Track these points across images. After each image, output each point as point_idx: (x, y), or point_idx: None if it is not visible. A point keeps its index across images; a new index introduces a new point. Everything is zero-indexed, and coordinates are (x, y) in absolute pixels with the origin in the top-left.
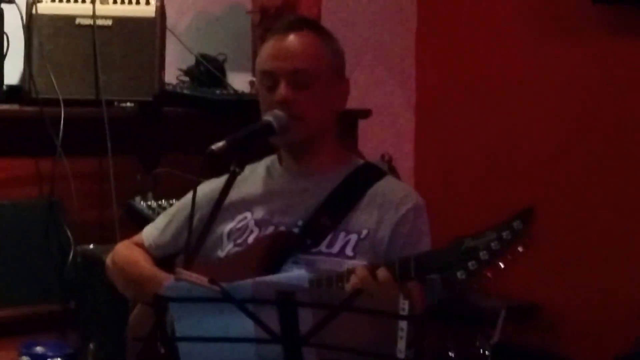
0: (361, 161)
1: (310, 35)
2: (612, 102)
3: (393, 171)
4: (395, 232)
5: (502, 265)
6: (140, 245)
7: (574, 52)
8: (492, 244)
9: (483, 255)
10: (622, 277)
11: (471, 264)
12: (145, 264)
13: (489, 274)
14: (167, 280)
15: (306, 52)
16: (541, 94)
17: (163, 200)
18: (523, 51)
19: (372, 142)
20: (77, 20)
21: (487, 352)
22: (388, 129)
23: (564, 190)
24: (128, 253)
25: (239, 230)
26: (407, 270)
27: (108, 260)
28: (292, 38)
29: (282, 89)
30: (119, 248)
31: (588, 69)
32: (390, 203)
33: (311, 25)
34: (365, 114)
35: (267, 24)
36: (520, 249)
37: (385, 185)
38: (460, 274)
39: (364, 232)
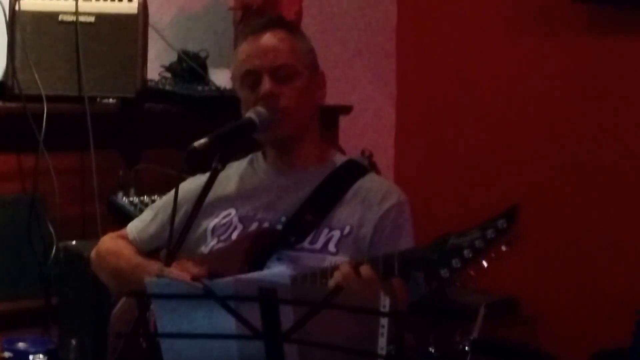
0: (344, 157)
1: (283, 33)
2: (591, 99)
3: (373, 167)
4: (377, 228)
5: (485, 264)
6: (124, 239)
7: (552, 50)
8: (476, 242)
9: (467, 253)
10: (601, 272)
11: (455, 262)
12: (127, 254)
13: (472, 272)
14: (151, 267)
15: (284, 48)
16: (521, 91)
17: (145, 196)
18: (502, 48)
19: (353, 137)
20: (60, 17)
21: (467, 347)
22: (369, 124)
23: (543, 186)
24: (112, 244)
25: (223, 226)
26: (390, 267)
27: (92, 253)
28: (268, 36)
29: (266, 84)
30: (103, 240)
31: (567, 66)
32: (373, 200)
33: (282, 24)
34: (347, 110)
35: (248, 20)
36: (504, 247)
37: (368, 182)
38: (444, 272)
39: (347, 228)
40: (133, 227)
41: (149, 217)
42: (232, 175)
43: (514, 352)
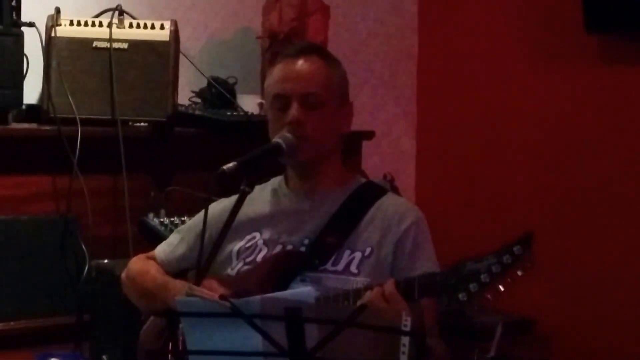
0: (363, 180)
1: (319, 61)
2: (606, 128)
3: (395, 191)
4: (398, 248)
5: (501, 288)
6: (152, 259)
7: (567, 79)
8: (493, 267)
9: (484, 278)
10: (615, 294)
11: (472, 286)
12: (156, 275)
13: (488, 296)
14: (177, 286)
15: (316, 76)
16: (537, 118)
17: (175, 217)
18: (519, 77)
19: (375, 162)
20: (94, 43)
21: None
22: (390, 150)
23: (559, 211)
24: (141, 265)
25: (248, 249)
26: (411, 291)
27: (122, 275)
28: (302, 62)
29: (295, 110)
30: (133, 262)
31: (581, 95)
32: (392, 220)
33: (319, 51)
34: (369, 135)
35: (276, 48)
36: (519, 272)
37: (387, 203)
38: (461, 296)
39: (368, 249)
40: (161, 250)
41: (175, 241)
42: (256, 199)
43: None
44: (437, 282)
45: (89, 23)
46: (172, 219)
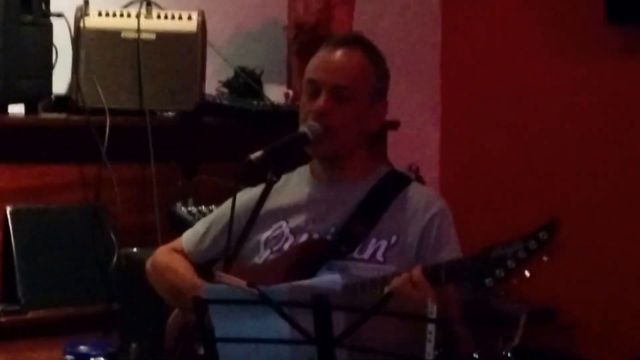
0: (388, 169)
1: (359, 54)
2: (628, 116)
3: (420, 180)
4: (423, 236)
5: (527, 274)
6: (179, 250)
7: (589, 68)
8: (519, 253)
9: (510, 263)
10: (638, 280)
11: (499, 272)
12: (183, 272)
13: (515, 281)
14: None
15: (351, 69)
16: (560, 108)
17: (202, 206)
18: (543, 67)
19: (399, 152)
20: (123, 34)
21: (509, 354)
22: (415, 140)
23: (583, 199)
24: (168, 260)
25: (275, 238)
26: (437, 277)
27: (148, 265)
28: (341, 53)
29: (322, 100)
30: (159, 253)
31: (603, 85)
32: (417, 208)
33: (364, 45)
34: (394, 125)
35: (301, 38)
36: (545, 258)
37: (412, 191)
38: (488, 281)
39: (394, 238)
40: (188, 240)
41: (202, 230)
42: (282, 188)
43: (553, 359)
44: (463, 268)
45: (117, 14)
46: (199, 208)
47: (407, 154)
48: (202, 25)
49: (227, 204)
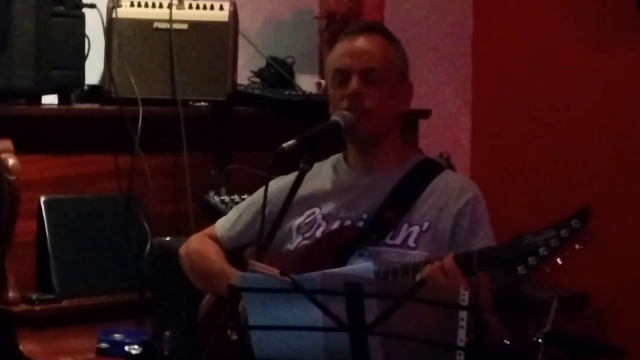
0: (421, 157)
1: (380, 39)
2: None
3: (451, 168)
4: (456, 223)
5: (559, 261)
6: (212, 237)
7: (621, 56)
8: (551, 241)
9: (542, 251)
10: None
11: (531, 260)
12: (216, 259)
13: (547, 269)
14: (236, 275)
15: (377, 53)
16: (592, 95)
17: (235, 195)
18: (574, 54)
19: (431, 140)
20: (155, 24)
21: (540, 340)
22: (446, 127)
23: (615, 184)
24: (201, 247)
25: (308, 224)
26: (469, 264)
27: (181, 250)
28: (363, 39)
29: (354, 83)
30: (192, 240)
31: (634, 72)
32: (450, 195)
33: (381, 30)
34: (425, 113)
35: (333, 28)
36: (577, 246)
37: (444, 179)
38: (520, 269)
39: (426, 224)
40: (220, 227)
41: (235, 217)
42: (315, 175)
43: (585, 345)
44: (496, 256)
45: (149, 4)
46: (232, 197)
47: (439, 142)
48: (234, 15)
49: (260, 191)
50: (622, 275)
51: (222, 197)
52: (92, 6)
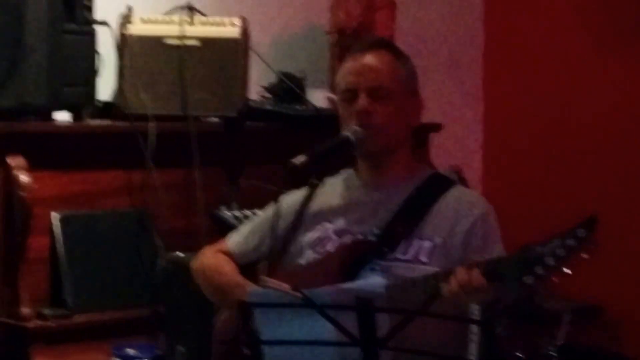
0: (431, 171)
1: (387, 55)
2: None
3: (462, 182)
4: (467, 238)
5: (567, 271)
6: (224, 251)
7: (634, 65)
8: (558, 251)
9: (549, 261)
10: None
11: (538, 269)
12: (229, 272)
13: (555, 278)
14: (248, 288)
15: (383, 69)
16: (605, 106)
17: (247, 210)
18: (586, 65)
19: (442, 154)
20: (166, 41)
21: (553, 353)
22: (457, 141)
23: (628, 196)
24: (214, 260)
25: (319, 239)
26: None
27: (194, 265)
28: (370, 56)
29: (362, 100)
30: (205, 254)
31: None
32: (461, 211)
33: (388, 46)
34: (437, 127)
35: (344, 43)
36: (584, 255)
37: (456, 193)
38: (528, 279)
39: (437, 239)
40: (232, 242)
41: (246, 232)
42: (326, 191)
43: (599, 357)
44: (502, 266)
45: (161, 21)
46: (244, 212)
47: (450, 156)
48: (245, 31)
49: (272, 206)
50: (634, 286)
51: (233, 212)
52: (104, 23)
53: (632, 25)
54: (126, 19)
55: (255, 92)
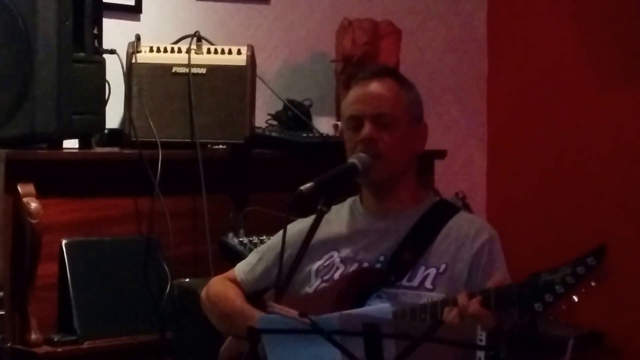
0: (436, 198)
1: (391, 83)
2: None
3: (467, 208)
4: (473, 265)
5: (576, 299)
6: (232, 280)
7: (637, 95)
8: (567, 278)
9: (559, 288)
10: None
11: (547, 297)
12: (236, 300)
13: (563, 306)
14: (256, 316)
15: (388, 97)
16: (609, 136)
17: (254, 237)
18: (590, 95)
19: (446, 181)
20: (174, 69)
21: None
22: (462, 168)
23: (633, 223)
24: (221, 289)
25: (326, 267)
26: (487, 302)
27: (202, 294)
28: (375, 84)
29: (367, 128)
30: (213, 283)
31: None
32: (466, 237)
33: (392, 74)
34: (441, 154)
35: (349, 71)
36: (593, 283)
37: (461, 220)
38: (537, 306)
39: (442, 266)
40: (240, 270)
41: (254, 260)
42: (333, 219)
43: None
44: (513, 293)
45: (168, 49)
46: (251, 239)
47: (455, 183)
48: (252, 59)
49: (279, 235)
50: (638, 314)
51: (240, 239)
52: (112, 52)
53: (636, 55)
54: (135, 48)
55: (262, 119)
